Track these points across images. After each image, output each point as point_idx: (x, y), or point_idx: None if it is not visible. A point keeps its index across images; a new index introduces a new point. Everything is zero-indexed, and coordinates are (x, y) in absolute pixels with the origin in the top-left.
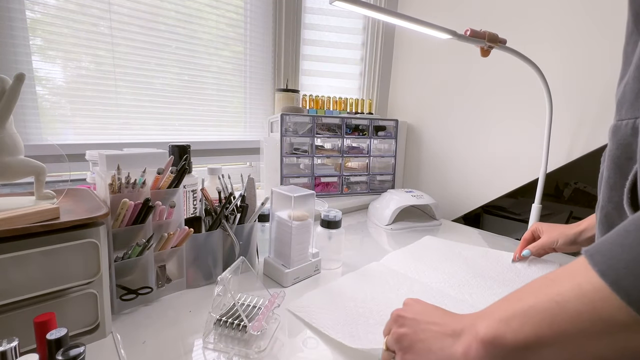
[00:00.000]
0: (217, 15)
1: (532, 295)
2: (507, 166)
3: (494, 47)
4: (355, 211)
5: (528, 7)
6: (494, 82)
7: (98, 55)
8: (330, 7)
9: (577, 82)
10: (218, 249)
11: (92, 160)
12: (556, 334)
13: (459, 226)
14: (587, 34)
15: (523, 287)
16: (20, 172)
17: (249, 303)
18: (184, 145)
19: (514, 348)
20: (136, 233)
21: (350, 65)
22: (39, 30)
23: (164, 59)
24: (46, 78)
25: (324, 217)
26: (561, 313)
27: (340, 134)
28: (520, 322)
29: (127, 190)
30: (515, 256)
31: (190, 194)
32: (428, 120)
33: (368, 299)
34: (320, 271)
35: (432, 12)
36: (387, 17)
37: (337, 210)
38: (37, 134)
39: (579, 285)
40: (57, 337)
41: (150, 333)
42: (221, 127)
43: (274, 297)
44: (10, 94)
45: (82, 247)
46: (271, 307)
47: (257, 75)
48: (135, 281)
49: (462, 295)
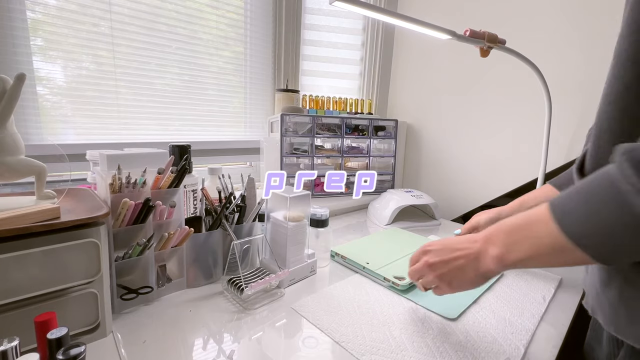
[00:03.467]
0: (218, 15)
1: (520, 231)
2: (507, 166)
3: (493, 47)
4: (355, 211)
5: (528, 8)
6: (493, 82)
7: (99, 55)
8: (330, 7)
9: (576, 82)
10: (218, 249)
11: (92, 160)
12: (535, 255)
13: (459, 226)
14: (586, 34)
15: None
16: (21, 172)
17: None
18: (185, 145)
19: (513, 262)
20: (136, 233)
21: (350, 66)
22: (40, 31)
23: (164, 59)
24: (47, 78)
25: (312, 216)
26: (537, 243)
27: (340, 134)
28: (515, 248)
29: (128, 190)
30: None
31: (190, 193)
32: (428, 120)
33: (371, 300)
34: (316, 272)
35: (431, 12)
36: (387, 17)
37: (325, 209)
38: (38, 133)
39: (546, 226)
40: (58, 336)
41: (151, 332)
42: (221, 127)
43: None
44: (11, 94)
45: (83, 247)
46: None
47: (257, 75)
48: (135, 281)
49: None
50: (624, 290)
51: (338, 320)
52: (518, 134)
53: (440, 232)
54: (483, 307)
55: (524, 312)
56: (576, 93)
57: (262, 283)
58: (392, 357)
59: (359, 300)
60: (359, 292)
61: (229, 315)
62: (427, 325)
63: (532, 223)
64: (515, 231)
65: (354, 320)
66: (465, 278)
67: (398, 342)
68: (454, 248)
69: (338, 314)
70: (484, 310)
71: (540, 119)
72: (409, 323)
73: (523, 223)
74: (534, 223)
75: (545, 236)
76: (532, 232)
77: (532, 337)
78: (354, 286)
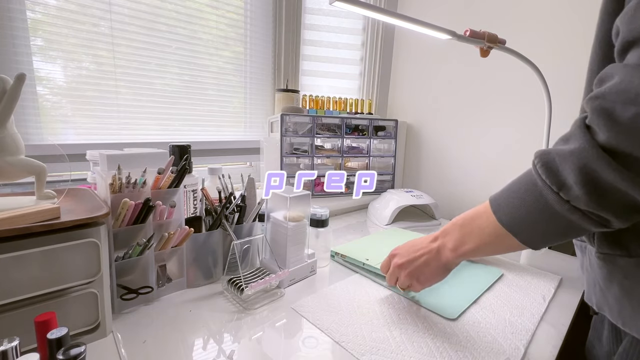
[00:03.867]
0: (218, 15)
1: (470, 224)
2: (507, 166)
3: (493, 47)
4: (355, 211)
5: (528, 8)
6: (494, 82)
7: (99, 55)
8: (330, 7)
9: (576, 82)
10: (218, 249)
11: (92, 160)
12: (482, 244)
13: None
14: (587, 34)
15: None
16: (21, 172)
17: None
18: (185, 145)
19: (465, 252)
20: (137, 233)
21: (350, 66)
22: (40, 31)
23: (164, 59)
24: (47, 78)
25: (312, 217)
26: (482, 234)
27: (340, 134)
28: (467, 240)
29: (128, 190)
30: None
31: (190, 193)
32: (428, 120)
33: (371, 300)
34: (316, 272)
35: (431, 12)
36: (387, 17)
37: (325, 209)
38: (38, 133)
39: (487, 218)
40: (58, 336)
41: (151, 332)
42: (221, 127)
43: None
44: (11, 94)
45: (83, 247)
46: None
47: (257, 75)
48: (135, 281)
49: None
50: (624, 284)
51: (338, 320)
52: (518, 134)
53: None
54: (483, 307)
55: (524, 312)
56: (576, 93)
57: (262, 283)
58: (392, 357)
59: (359, 300)
60: (359, 292)
61: (229, 315)
62: (427, 325)
63: (478, 216)
64: (466, 224)
65: (354, 320)
66: (430, 271)
67: (398, 342)
68: (418, 247)
69: (338, 314)
70: (484, 310)
71: (540, 119)
72: (409, 323)
73: (472, 216)
74: (479, 216)
75: (487, 227)
76: (479, 223)
77: (532, 337)
78: (354, 286)
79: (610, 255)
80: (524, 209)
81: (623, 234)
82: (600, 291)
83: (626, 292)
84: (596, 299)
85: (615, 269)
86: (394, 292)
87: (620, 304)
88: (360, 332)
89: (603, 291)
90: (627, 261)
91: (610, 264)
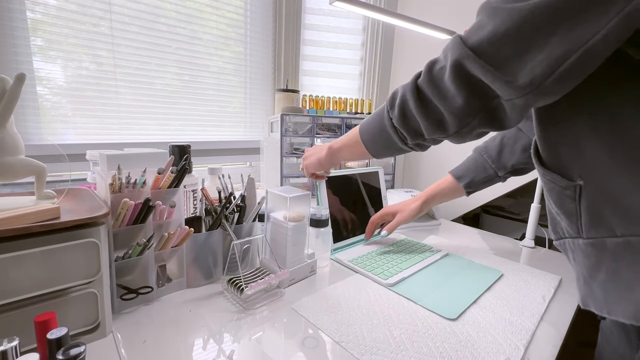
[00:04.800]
0: (218, 15)
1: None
2: None
3: None
4: None
5: None
6: None
7: (98, 55)
8: (330, 7)
9: None
10: (218, 249)
11: (92, 160)
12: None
13: (459, 226)
14: None
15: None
16: (21, 172)
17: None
18: (184, 145)
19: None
20: (136, 233)
21: (350, 66)
22: (40, 31)
23: (164, 59)
24: (47, 78)
25: (312, 217)
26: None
27: (340, 134)
28: (338, 142)
29: (128, 190)
30: (369, 237)
31: (190, 193)
32: None
33: (371, 300)
34: (316, 272)
35: (431, 12)
36: (387, 17)
37: (325, 209)
38: (38, 133)
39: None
40: (58, 336)
41: (151, 332)
42: (221, 127)
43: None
44: (11, 94)
45: (83, 247)
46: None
47: (257, 75)
48: (135, 281)
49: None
50: (612, 268)
51: (338, 320)
52: None
53: (441, 232)
54: (483, 307)
55: (524, 312)
56: None
57: (262, 283)
58: (392, 357)
59: (359, 300)
60: (359, 292)
61: (229, 315)
62: (427, 325)
63: (352, 132)
64: (344, 136)
65: (354, 320)
66: (314, 161)
67: (398, 342)
68: (312, 152)
69: (338, 314)
70: (484, 310)
71: None
72: (409, 323)
73: (350, 133)
74: (352, 132)
75: (355, 136)
76: (350, 135)
77: (532, 336)
78: (354, 286)
79: (599, 239)
80: (373, 124)
81: (605, 216)
82: (584, 284)
83: (612, 274)
84: (581, 294)
85: (605, 253)
86: (394, 292)
87: (606, 290)
88: (360, 332)
89: (588, 283)
90: (615, 243)
91: (599, 250)
